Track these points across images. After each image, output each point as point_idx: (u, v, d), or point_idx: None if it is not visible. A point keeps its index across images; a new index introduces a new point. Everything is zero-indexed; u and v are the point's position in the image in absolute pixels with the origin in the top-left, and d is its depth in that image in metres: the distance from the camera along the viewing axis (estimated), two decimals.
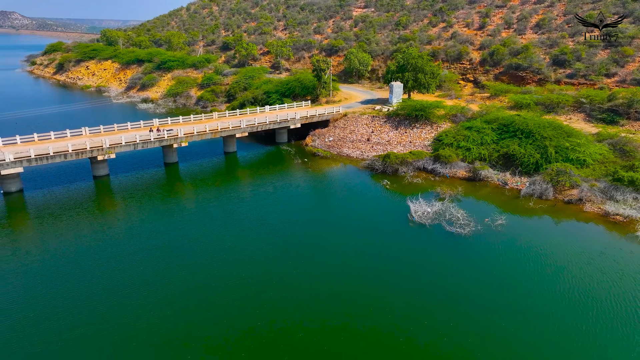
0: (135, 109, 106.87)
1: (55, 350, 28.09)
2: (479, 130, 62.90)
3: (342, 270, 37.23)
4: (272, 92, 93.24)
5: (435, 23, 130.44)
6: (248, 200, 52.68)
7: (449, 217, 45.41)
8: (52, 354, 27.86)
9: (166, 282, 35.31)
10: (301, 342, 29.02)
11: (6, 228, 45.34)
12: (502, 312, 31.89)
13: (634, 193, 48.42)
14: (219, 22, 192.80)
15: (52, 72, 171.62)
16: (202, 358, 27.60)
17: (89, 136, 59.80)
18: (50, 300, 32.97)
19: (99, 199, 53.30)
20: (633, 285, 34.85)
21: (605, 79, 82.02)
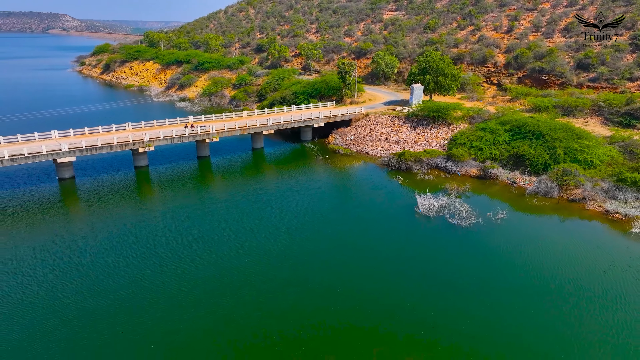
0: (173, 107, 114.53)
1: (108, 302, 33.84)
2: (492, 131, 65.73)
3: (351, 253, 41.57)
4: (300, 92, 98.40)
5: (463, 26, 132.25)
6: (272, 192, 57.83)
7: (452, 210, 48.94)
8: (107, 301, 33.62)
9: (193, 255, 40.71)
10: (320, 313, 33.63)
11: (60, 209, 52.20)
12: (488, 293, 35.38)
13: (635, 193, 50.44)
14: (254, 25, 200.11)
15: (99, 72, 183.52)
16: (210, 315, 32.69)
17: (132, 130, 66.62)
18: (99, 268, 38.96)
19: (139, 186, 59.76)
20: (621, 275, 37.46)
21: (628, 82, 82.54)
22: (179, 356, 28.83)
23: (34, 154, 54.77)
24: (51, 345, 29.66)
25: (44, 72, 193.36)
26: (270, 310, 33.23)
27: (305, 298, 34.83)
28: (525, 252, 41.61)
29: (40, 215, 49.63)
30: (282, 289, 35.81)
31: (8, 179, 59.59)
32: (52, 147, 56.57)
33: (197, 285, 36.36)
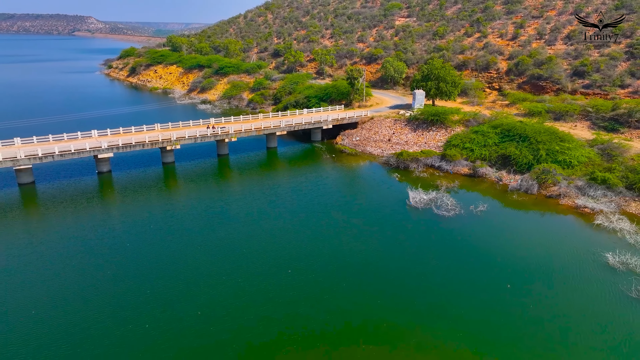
0: (195, 109, 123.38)
1: (146, 284, 41.81)
2: (484, 134, 72.17)
3: (349, 235, 48.80)
4: (312, 96, 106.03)
5: (470, 33, 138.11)
6: (284, 186, 65.51)
7: (439, 203, 55.76)
8: (144, 282, 41.57)
9: (212, 237, 48.52)
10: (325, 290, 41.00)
11: (99, 200, 60.73)
12: (458, 269, 42.15)
13: (604, 190, 56.51)
14: (272, 30, 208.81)
15: (126, 74, 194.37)
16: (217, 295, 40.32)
17: (160, 131, 75.12)
18: (134, 249, 47.11)
19: (166, 180, 68.07)
20: (580, 259, 43.72)
21: (618, 89, 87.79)
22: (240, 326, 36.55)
23: (79, 150, 63.56)
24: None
25: (74, 75, 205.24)
26: (279, 278, 40.71)
27: (308, 266, 42.18)
28: (498, 238, 48.27)
29: (86, 203, 58.24)
30: (292, 261, 43.27)
31: (54, 172, 68.55)
32: (94, 145, 65.31)
33: (215, 260, 44.13)
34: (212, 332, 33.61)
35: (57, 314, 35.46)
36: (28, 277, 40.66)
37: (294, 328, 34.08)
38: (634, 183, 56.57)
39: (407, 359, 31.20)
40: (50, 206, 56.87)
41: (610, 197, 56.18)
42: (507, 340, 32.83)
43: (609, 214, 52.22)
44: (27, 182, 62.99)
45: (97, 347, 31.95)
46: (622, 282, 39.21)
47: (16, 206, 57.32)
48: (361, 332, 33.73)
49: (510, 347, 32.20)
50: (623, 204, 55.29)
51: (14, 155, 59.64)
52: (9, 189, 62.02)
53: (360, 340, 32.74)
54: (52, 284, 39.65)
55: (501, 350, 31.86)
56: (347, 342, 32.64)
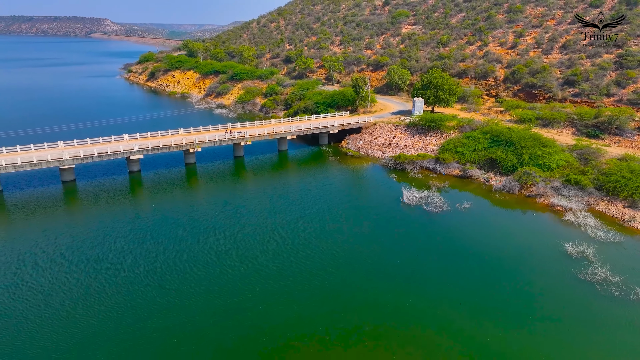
0: (212, 113, 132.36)
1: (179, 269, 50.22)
2: (474, 139, 79.61)
3: (349, 227, 56.74)
4: (320, 102, 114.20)
5: (472, 42, 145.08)
6: (293, 185, 73.78)
7: (429, 201, 63.41)
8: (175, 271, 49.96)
9: (228, 229, 56.85)
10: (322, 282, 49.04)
11: (130, 196, 69.49)
12: (439, 256, 49.85)
13: (576, 190, 63.72)
14: (284, 37, 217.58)
15: (145, 79, 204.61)
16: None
17: (183, 135, 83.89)
18: (164, 240, 55.63)
19: (189, 179, 76.69)
20: (546, 249, 51.11)
21: (605, 98, 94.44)
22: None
23: (114, 152, 72.51)
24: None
25: (97, 79, 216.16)
26: (290, 261, 48.86)
27: (312, 251, 50.24)
28: (478, 231, 55.80)
29: (121, 199, 67.09)
30: (299, 248, 51.39)
31: (90, 172, 77.58)
32: (126, 147, 74.19)
33: (235, 248, 52.45)
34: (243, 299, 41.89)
35: (105, 293, 44.02)
36: (72, 263, 49.35)
37: (296, 295, 42.18)
38: (604, 184, 63.69)
39: (394, 324, 39.03)
40: (91, 201, 65.77)
41: (581, 197, 63.35)
42: (480, 313, 40.35)
43: (577, 211, 59.44)
44: (69, 180, 72.07)
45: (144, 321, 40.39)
46: (574, 267, 46.59)
47: (61, 201, 66.35)
48: (360, 306, 41.66)
49: (483, 316, 39.76)
50: (592, 202, 62.48)
51: (60, 157, 68.73)
52: (55, 185, 71.14)
53: (357, 316, 40.73)
54: (96, 268, 48.27)
55: (474, 320, 39.43)
56: (348, 316, 40.61)
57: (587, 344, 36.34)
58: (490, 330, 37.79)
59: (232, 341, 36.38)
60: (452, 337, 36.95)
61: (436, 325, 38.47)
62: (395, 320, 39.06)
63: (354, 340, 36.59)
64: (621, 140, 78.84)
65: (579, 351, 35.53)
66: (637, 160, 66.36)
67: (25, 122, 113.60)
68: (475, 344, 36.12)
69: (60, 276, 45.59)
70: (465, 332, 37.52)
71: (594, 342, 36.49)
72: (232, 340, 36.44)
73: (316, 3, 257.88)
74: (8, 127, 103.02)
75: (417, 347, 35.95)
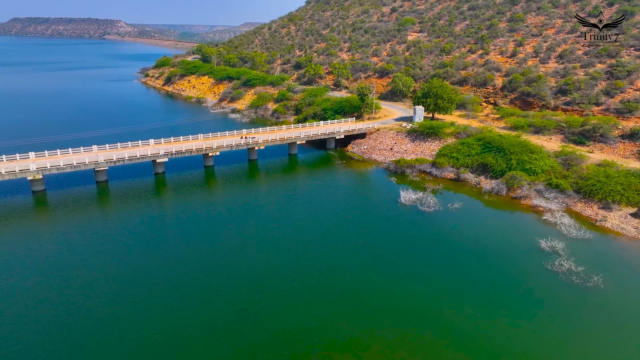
0: (226, 118, 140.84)
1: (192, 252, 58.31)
2: (469, 145, 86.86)
3: (351, 224, 64.45)
4: (328, 109, 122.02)
5: (474, 50, 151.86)
6: (302, 186, 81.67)
7: (424, 201, 70.87)
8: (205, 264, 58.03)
9: (246, 225, 64.85)
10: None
11: (156, 196, 77.87)
12: (430, 249, 57.31)
13: (556, 193, 70.78)
14: (294, 43, 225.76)
15: (162, 83, 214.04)
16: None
17: (203, 140, 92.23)
18: (186, 235, 63.81)
19: (207, 180, 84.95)
20: (524, 244, 58.28)
21: (594, 107, 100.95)
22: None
23: (142, 155, 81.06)
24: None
25: (116, 83, 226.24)
26: (298, 249, 56.68)
27: (318, 242, 58.00)
28: (465, 228, 63.12)
29: (149, 197, 75.54)
30: (307, 239, 59.25)
31: (120, 174, 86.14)
32: (153, 151, 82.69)
33: (251, 241, 60.46)
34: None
35: (136, 280, 52.22)
36: (107, 253, 57.70)
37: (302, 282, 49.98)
38: (582, 188, 70.68)
39: (387, 304, 46.63)
40: (122, 200, 74.26)
41: (561, 199, 70.40)
42: (462, 296, 47.75)
43: (556, 211, 66.56)
44: (102, 181, 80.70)
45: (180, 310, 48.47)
46: (545, 259, 53.81)
47: (96, 199, 74.93)
48: (360, 290, 49.37)
49: (464, 298, 47.17)
50: (571, 204, 69.53)
51: (95, 159, 77.40)
52: (90, 185, 79.81)
53: (358, 300, 48.46)
54: (128, 259, 56.56)
55: (457, 300, 46.87)
56: (350, 300, 48.34)
57: (545, 320, 43.61)
58: (469, 309, 45.20)
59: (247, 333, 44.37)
60: (443, 318, 44.52)
61: (424, 307, 46.02)
62: (388, 301, 46.68)
63: (354, 314, 44.33)
64: (604, 147, 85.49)
65: (538, 325, 42.79)
66: (613, 166, 73.18)
67: (58, 126, 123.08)
68: (457, 322, 43.62)
69: (98, 264, 53.91)
70: (448, 313, 45.04)
71: (550, 318, 43.76)
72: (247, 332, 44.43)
73: (326, 9, 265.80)
74: (44, 132, 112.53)
75: (407, 323, 43.48)
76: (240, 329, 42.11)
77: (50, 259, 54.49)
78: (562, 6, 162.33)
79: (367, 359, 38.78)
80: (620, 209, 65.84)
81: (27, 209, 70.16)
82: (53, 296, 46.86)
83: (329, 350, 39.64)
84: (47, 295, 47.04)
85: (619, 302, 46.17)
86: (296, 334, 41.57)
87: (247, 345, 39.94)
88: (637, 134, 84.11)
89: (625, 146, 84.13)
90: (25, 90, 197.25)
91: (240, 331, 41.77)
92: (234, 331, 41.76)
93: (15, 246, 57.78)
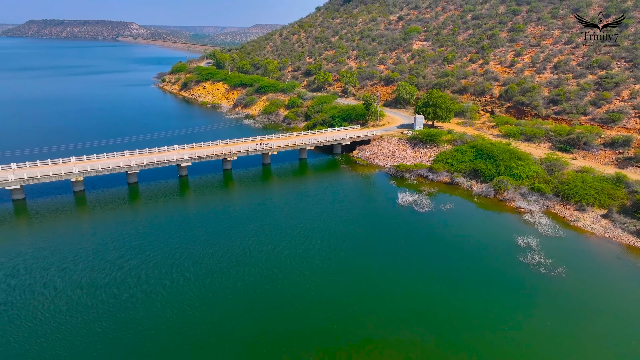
0: (241, 123, 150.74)
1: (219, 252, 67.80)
2: (462, 152, 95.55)
3: (354, 221, 73.55)
4: (336, 116, 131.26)
5: (475, 59, 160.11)
6: (311, 187, 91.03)
7: (419, 202, 79.77)
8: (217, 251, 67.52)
9: (263, 221, 74.27)
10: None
11: (180, 197, 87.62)
12: (421, 242, 66.22)
13: (537, 196, 79.30)
14: (305, 50, 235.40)
15: (178, 88, 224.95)
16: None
17: (222, 145, 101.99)
18: (208, 232, 73.41)
19: (225, 182, 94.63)
20: (503, 240, 66.93)
21: (581, 116, 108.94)
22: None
23: (169, 160, 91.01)
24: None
25: (134, 88, 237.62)
26: (308, 244, 65.91)
27: (326, 237, 67.17)
28: (453, 226, 71.86)
29: (175, 197, 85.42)
30: (315, 234, 68.54)
31: (148, 176, 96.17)
32: (179, 156, 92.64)
33: (266, 237, 69.85)
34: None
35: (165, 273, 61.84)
36: (140, 247, 67.44)
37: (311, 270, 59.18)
38: (561, 191, 79.09)
39: (382, 287, 55.64)
40: (151, 199, 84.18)
41: (542, 201, 78.89)
42: (448, 282, 56.63)
43: (535, 212, 75.14)
44: (133, 182, 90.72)
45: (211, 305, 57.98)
46: (519, 253, 62.46)
47: (128, 199, 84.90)
48: (359, 279, 58.48)
49: (450, 284, 56.04)
50: (551, 206, 77.99)
51: (129, 164, 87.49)
52: (122, 187, 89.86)
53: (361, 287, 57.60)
54: (159, 254, 66.23)
55: (444, 286, 55.75)
56: (350, 281, 57.46)
57: (511, 303, 52.34)
58: (452, 292, 54.12)
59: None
60: (428, 299, 53.53)
61: (415, 289, 55.01)
62: (383, 285, 55.78)
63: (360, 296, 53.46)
64: (587, 154, 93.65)
65: (508, 306, 51.53)
66: (590, 172, 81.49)
67: (89, 131, 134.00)
68: (441, 302, 52.57)
69: (132, 259, 63.68)
70: (436, 295, 54.01)
71: (515, 301, 52.49)
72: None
73: (335, 16, 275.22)
74: (78, 137, 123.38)
75: (398, 303, 52.50)
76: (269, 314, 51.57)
77: (93, 248, 64.40)
78: (561, 17, 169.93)
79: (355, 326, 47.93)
80: (592, 211, 74.23)
81: (71, 207, 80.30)
82: (102, 280, 56.69)
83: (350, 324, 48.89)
84: (99, 279, 56.88)
85: (577, 289, 54.75)
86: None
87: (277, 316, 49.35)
88: (617, 142, 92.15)
89: (606, 154, 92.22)
90: (53, 95, 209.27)
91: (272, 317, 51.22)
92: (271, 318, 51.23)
93: (64, 237, 67.86)
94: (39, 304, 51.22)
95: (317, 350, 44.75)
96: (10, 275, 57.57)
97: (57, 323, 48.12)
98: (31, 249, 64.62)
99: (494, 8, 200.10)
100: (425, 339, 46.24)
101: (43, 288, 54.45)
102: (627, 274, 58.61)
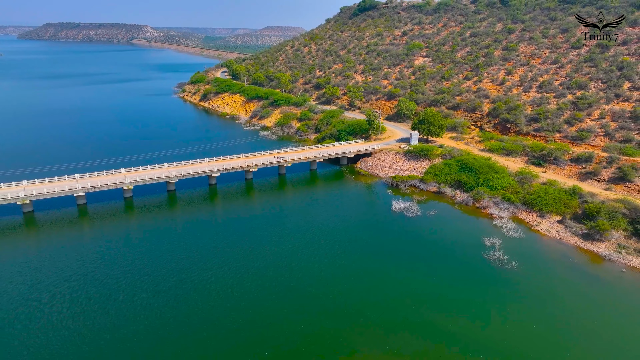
0: (257, 135, 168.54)
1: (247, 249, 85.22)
2: (449, 165, 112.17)
3: (354, 224, 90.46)
4: (342, 130, 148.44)
5: (470, 77, 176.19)
6: (320, 194, 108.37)
7: (410, 209, 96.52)
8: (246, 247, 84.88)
9: (284, 225, 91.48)
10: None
11: (209, 203, 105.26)
12: (412, 243, 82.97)
13: (508, 204, 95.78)
14: (315, 62, 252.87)
15: (198, 99, 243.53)
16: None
17: (244, 158, 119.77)
18: (232, 237, 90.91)
19: (247, 190, 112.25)
20: (473, 242, 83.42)
21: (556, 134, 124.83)
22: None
23: (202, 171, 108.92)
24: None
25: (155, 98, 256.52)
26: (315, 242, 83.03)
27: (331, 237, 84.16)
28: (435, 228, 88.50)
29: (206, 203, 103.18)
30: (321, 234, 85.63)
31: (184, 185, 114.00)
32: (210, 168, 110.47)
33: (286, 237, 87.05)
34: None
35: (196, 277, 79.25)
36: (177, 249, 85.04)
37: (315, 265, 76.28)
38: (527, 200, 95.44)
39: (374, 279, 72.49)
40: (187, 205, 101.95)
41: (511, 209, 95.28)
42: (425, 274, 73.33)
43: (504, 218, 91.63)
44: (172, 190, 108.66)
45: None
46: (484, 251, 78.99)
47: (167, 204, 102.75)
48: (359, 274, 75.43)
49: (427, 275, 72.73)
50: (518, 212, 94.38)
51: (169, 174, 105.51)
52: (162, 194, 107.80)
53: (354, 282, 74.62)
54: (194, 254, 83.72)
55: (422, 276, 72.45)
56: (350, 271, 74.43)
57: (472, 290, 68.90)
58: (428, 282, 70.90)
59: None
60: (411, 288, 70.39)
61: (399, 281, 71.87)
62: (376, 278, 72.73)
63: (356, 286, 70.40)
64: (556, 168, 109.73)
65: (460, 292, 68.13)
66: (554, 184, 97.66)
67: (125, 143, 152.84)
68: (419, 290, 69.38)
69: (172, 258, 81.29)
70: (416, 284, 70.87)
71: (471, 289, 69.08)
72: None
73: (344, 29, 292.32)
74: (125, 151, 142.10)
75: (385, 290, 69.30)
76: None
77: (141, 245, 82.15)
78: (551, 37, 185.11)
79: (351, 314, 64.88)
80: (551, 217, 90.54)
81: (121, 211, 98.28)
82: (148, 275, 74.39)
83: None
84: (147, 269, 74.59)
85: (525, 280, 71.21)
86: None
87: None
88: (581, 158, 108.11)
89: (571, 168, 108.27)
90: (79, 104, 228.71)
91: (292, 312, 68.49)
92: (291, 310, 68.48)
93: (114, 236, 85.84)
94: (113, 303, 69.07)
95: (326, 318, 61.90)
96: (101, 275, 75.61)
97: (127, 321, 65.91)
98: (96, 246, 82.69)
99: (491, 26, 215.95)
100: (401, 318, 63.21)
101: (120, 282, 72.35)
102: (568, 268, 74.95)
